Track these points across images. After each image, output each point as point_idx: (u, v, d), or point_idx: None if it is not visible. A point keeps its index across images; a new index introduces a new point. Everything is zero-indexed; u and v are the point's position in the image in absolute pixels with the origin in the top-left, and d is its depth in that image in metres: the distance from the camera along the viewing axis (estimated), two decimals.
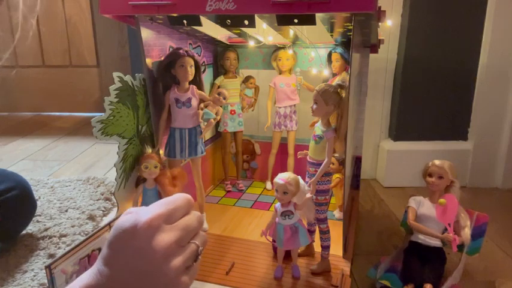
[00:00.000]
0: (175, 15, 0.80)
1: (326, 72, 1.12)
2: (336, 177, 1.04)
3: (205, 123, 0.98)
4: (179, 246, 0.41)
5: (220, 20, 0.81)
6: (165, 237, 0.40)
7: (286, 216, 0.79)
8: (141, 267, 0.39)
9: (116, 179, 0.83)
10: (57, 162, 1.66)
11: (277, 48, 1.17)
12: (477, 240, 0.85)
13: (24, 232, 1.04)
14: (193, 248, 0.42)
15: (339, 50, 1.07)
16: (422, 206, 0.89)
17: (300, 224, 0.80)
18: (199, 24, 0.82)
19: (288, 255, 0.83)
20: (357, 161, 1.19)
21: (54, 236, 1.03)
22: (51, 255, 0.95)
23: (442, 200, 0.83)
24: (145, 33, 0.87)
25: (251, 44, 1.11)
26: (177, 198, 0.44)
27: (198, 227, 0.44)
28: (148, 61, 0.89)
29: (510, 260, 0.98)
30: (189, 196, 0.45)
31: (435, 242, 0.85)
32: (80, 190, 1.33)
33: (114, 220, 0.83)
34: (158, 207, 0.41)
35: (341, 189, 1.03)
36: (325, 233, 0.83)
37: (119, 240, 0.40)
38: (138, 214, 0.40)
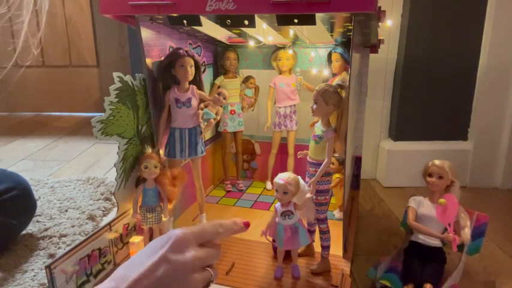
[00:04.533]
0: (175, 15, 0.80)
1: (326, 72, 1.12)
2: (336, 177, 1.04)
3: (205, 123, 0.98)
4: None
5: (220, 20, 0.81)
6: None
7: (286, 216, 0.79)
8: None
9: (116, 179, 0.83)
10: (57, 162, 1.66)
11: (277, 48, 1.17)
12: (477, 240, 0.85)
13: (24, 232, 1.04)
14: (208, 274, 0.45)
15: (339, 50, 1.07)
16: (422, 206, 0.88)
17: (300, 224, 0.80)
18: (199, 24, 0.82)
19: (288, 255, 0.83)
20: (357, 161, 1.19)
21: (54, 236, 1.03)
22: (51, 255, 0.95)
23: (442, 200, 0.83)
24: (145, 33, 0.87)
25: (251, 44, 1.11)
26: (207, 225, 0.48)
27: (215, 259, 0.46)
28: (148, 61, 0.89)
29: (510, 260, 0.98)
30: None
31: (435, 242, 0.85)
32: (80, 190, 1.32)
33: (114, 220, 0.83)
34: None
35: (341, 189, 1.03)
36: (325, 233, 0.83)
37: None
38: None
